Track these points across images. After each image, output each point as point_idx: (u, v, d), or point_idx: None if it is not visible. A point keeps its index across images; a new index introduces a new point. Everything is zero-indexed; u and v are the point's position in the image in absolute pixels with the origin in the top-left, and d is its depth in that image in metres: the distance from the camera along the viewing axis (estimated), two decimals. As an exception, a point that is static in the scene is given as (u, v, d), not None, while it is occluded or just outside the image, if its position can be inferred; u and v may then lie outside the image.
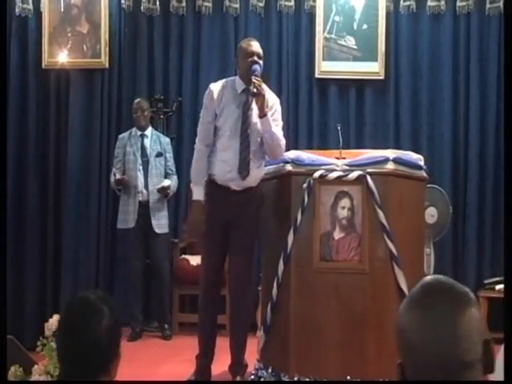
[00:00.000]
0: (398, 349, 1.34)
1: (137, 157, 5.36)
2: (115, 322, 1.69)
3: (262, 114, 3.77)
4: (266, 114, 3.79)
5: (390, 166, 3.63)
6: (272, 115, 3.87)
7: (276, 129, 3.85)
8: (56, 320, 3.37)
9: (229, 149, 3.85)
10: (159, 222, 5.35)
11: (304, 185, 3.61)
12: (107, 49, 5.72)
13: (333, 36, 5.70)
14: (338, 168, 3.62)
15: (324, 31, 5.69)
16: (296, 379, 3.55)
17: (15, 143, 5.69)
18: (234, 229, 3.90)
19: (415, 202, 3.82)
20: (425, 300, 1.33)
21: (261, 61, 3.87)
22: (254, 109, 3.85)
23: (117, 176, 5.28)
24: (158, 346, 5.11)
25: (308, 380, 3.53)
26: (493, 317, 5.14)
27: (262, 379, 3.71)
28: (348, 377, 3.49)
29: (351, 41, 5.69)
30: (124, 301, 5.57)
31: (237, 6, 5.81)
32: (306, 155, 3.76)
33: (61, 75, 5.76)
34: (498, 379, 1.66)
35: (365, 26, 5.69)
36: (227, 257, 4.02)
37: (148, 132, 5.45)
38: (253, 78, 3.73)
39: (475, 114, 5.67)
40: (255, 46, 3.90)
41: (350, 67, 5.70)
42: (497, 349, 1.39)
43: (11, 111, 5.59)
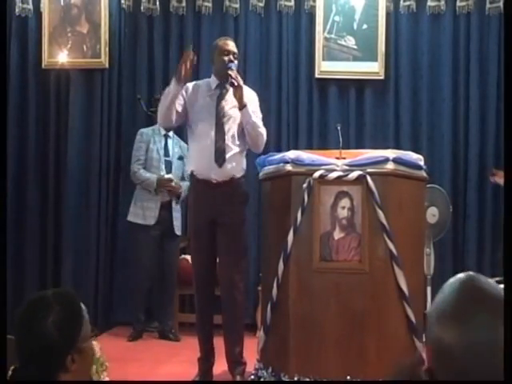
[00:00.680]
0: (430, 354, 1.31)
1: (160, 156, 5.30)
2: (66, 318, 1.69)
3: (242, 106, 3.88)
4: (246, 105, 3.88)
5: (390, 166, 3.63)
6: (250, 106, 3.96)
7: (256, 119, 3.95)
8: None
9: (205, 139, 3.92)
10: (177, 223, 5.31)
11: (304, 185, 3.61)
12: (107, 49, 5.72)
13: (333, 36, 5.70)
14: (338, 168, 3.62)
15: (324, 31, 5.69)
16: (296, 379, 3.55)
17: (15, 143, 5.69)
18: (221, 227, 3.94)
19: (415, 202, 3.81)
20: (462, 308, 1.30)
21: (236, 61, 3.98)
22: (229, 100, 3.96)
23: (166, 176, 5.16)
24: (158, 346, 5.11)
25: (308, 380, 3.53)
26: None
27: (262, 379, 3.71)
28: (348, 377, 3.49)
29: (351, 41, 5.69)
30: (125, 300, 5.58)
31: (237, 6, 5.81)
32: (306, 155, 3.75)
33: (61, 75, 5.76)
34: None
35: (365, 26, 5.69)
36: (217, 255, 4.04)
37: (171, 133, 5.38)
38: (229, 71, 3.85)
39: (475, 114, 5.67)
40: (231, 45, 4.01)
41: (350, 67, 5.70)
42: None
43: (11, 111, 5.60)
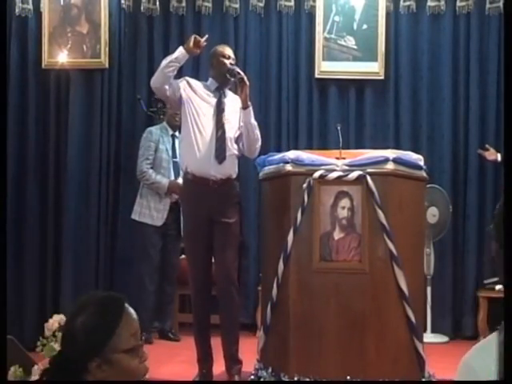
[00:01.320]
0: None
1: (169, 157, 5.28)
2: (96, 323, 1.66)
3: (246, 105, 3.93)
4: (249, 106, 3.93)
5: (390, 166, 3.63)
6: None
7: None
8: (56, 320, 3.37)
9: (205, 136, 3.93)
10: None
11: (304, 185, 3.61)
12: (107, 49, 5.71)
13: (333, 36, 5.70)
14: (338, 168, 3.62)
15: (324, 31, 5.69)
16: (296, 379, 3.55)
17: (15, 143, 5.68)
18: (217, 227, 3.95)
19: (415, 202, 3.81)
20: None
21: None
22: (228, 102, 4.01)
23: (178, 181, 5.05)
24: (158, 346, 5.11)
25: (308, 380, 3.53)
26: (493, 317, 5.15)
27: (262, 379, 3.71)
28: (348, 377, 3.49)
29: (351, 41, 5.69)
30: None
31: (237, 6, 5.81)
32: (306, 155, 3.76)
33: (61, 75, 5.75)
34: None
35: (365, 26, 5.68)
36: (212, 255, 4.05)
37: (177, 133, 5.34)
38: (235, 68, 3.96)
39: (475, 114, 5.66)
40: (230, 51, 4.13)
41: (350, 67, 5.70)
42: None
43: (11, 111, 5.59)
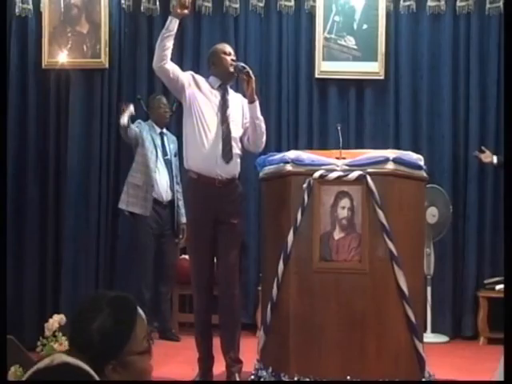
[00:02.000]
0: None
1: (158, 156, 5.26)
2: (113, 326, 1.65)
3: (253, 99, 3.92)
4: (256, 100, 3.92)
5: (390, 166, 3.63)
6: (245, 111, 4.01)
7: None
8: (56, 320, 3.37)
9: (211, 136, 3.91)
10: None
11: (304, 185, 3.61)
12: (107, 49, 5.71)
13: (333, 36, 5.70)
14: (338, 168, 3.62)
15: (324, 31, 5.69)
16: (296, 379, 3.55)
17: (15, 143, 5.68)
18: (222, 227, 3.94)
19: (415, 202, 3.81)
20: None
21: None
22: (231, 100, 3.99)
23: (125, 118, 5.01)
24: (158, 346, 5.10)
25: (308, 380, 3.53)
26: (493, 317, 5.15)
27: (262, 379, 3.71)
28: (348, 377, 3.49)
29: (351, 41, 5.69)
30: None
31: (237, 6, 5.81)
32: (306, 155, 3.75)
33: (61, 75, 5.75)
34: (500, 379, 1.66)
35: (365, 26, 5.69)
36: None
37: (165, 130, 5.40)
38: (239, 63, 3.95)
39: (475, 114, 5.66)
40: (230, 48, 4.11)
41: (350, 67, 5.70)
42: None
43: (11, 111, 5.59)
